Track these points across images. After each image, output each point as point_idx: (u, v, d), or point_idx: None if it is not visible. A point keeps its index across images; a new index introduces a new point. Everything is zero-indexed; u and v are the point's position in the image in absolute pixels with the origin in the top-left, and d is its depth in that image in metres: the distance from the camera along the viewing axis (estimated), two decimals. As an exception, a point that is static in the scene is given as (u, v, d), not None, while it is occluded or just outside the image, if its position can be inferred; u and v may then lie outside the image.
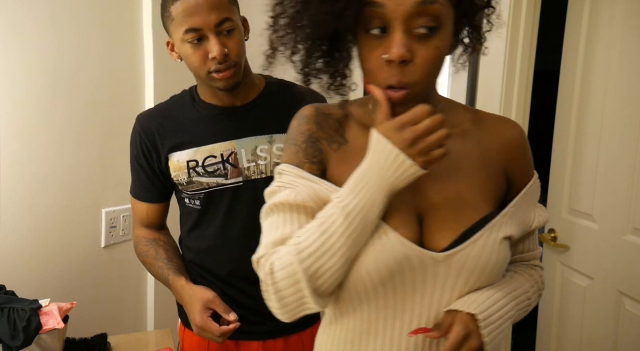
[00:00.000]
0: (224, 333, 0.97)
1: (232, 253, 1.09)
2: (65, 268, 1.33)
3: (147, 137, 1.08)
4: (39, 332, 1.00)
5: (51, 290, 1.29)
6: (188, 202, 1.11)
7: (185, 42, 0.97)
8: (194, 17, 0.94)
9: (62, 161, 1.29)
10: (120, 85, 1.44)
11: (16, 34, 1.16)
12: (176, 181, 1.08)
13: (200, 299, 0.99)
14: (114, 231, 1.44)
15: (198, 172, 1.06)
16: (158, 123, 1.08)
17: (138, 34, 1.47)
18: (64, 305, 1.07)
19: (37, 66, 1.21)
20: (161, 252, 1.11)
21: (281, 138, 1.10)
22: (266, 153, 1.08)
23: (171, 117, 1.09)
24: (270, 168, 1.09)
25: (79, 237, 1.36)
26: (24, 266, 1.23)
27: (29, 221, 1.23)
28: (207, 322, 0.97)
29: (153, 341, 1.26)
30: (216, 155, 1.06)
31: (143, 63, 1.50)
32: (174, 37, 0.99)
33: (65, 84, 1.28)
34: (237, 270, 1.09)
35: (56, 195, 1.28)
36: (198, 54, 0.97)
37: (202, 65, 0.98)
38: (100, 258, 1.42)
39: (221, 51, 0.96)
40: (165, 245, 1.13)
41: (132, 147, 1.11)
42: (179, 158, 1.06)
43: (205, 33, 0.96)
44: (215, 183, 1.06)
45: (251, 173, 1.08)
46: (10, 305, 1.00)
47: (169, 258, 1.10)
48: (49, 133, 1.25)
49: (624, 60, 1.34)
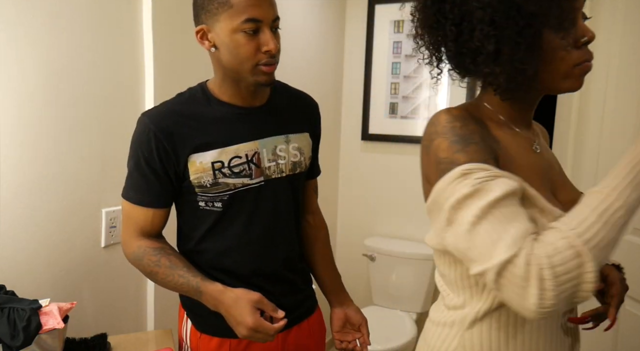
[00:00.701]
0: (277, 331, 0.97)
1: (255, 252, 1.11)
2: (65, 268, 1.33)
3: (165, 138, 1.02)
4: (39, 332, 1.00)
5: (51, 290, 1.29)
6: (204, 205, 1.08)
7: (239, 32, 0.97)
8: (257, 9, 0.96)
9: (62, 161, 1.29)
10: (120, 85, 1.44)
11: (16, 33, 1.16)
12: (197, 183, 1.05)
13: (250, 300, 0.97)
14: (114, 231, 1.44)
15: (224, 173, 1.05)
16: (176, 123, 1.04)
17: (138, 34, 1.47)
18: (64, 305, 1.07)
19: (37, 66, 1.21)
20: (175, 260, 1.05)
21: (295, 138, 1.14)
22: (284, 153, 1.11)
23: (189, 116, 1.05)
24: (289, 167, 1.12)
25: (79, 237, 1.36)
26: (24, 266, 1.23)
27: (29, 221, 1.23)
28: (262, 322, 0.96)
29: (153, 341, 1.26)
30: (241, 155, 1.06)
31: (143, 63, 1.50)
32: (224, 25, 0.98)
33: (65, 83, 1.28)
34: (259, 269, 1.11)
35: (56, 195, 1.28)
36: (251, 45, 0.98)
37: (252, 57, 0.99)
38: (100, 258, 1.42)
39: (277, 45, 0.99)
40: (175, 253, 1.08)
41: (141, 149, 1.04)
42: (202, 160, 1.04)
43: (262, 26, 0.98)
44: (241, 184, 1.06)
45: (272, 172, 1.10)
46: (10, 305, 1.00)
47: (186, 266, 1.05)
48: (49, 133, 1.25)
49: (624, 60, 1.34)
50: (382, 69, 2.65)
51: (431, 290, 2.53)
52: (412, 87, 2.59)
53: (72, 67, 1.29)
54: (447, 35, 0.75)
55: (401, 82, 2.61)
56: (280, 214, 1.13)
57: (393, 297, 2.55)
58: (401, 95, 2.62)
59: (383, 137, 2.69)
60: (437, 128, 0.74)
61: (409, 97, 2.60)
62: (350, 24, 2.74)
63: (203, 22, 1.02)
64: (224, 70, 1.04)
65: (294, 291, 1.21)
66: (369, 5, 2.64)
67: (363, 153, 2.78)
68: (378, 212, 2.75)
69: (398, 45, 2.59)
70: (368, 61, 2.68)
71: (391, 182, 2.70)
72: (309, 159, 1.19)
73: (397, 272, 2.52)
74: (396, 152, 2.68)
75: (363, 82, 2.71)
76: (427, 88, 2.56)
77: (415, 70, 2.57)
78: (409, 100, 2.60)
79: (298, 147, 1.15)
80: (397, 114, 2.64)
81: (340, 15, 2.70)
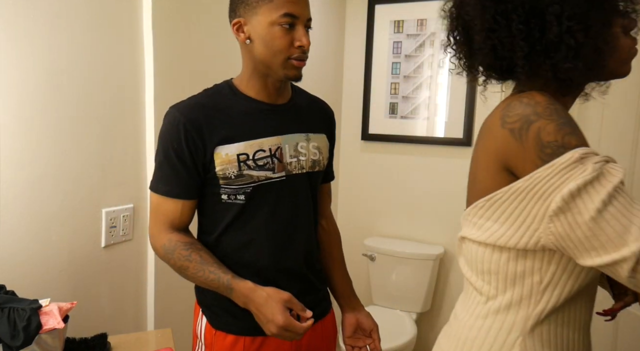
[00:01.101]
0: (306, 330, 0.99)
1: (274, 246, 1.12)
2: (65, 268, 1.33)
3: (194, 129, 1.05)
4: (39, 332, 1.00)
5: (51, 290, 1.29)
6: (227, 198, 1.10)
7: (276, 25, 1.03)
8: (295, 5, 1.03)
9: (62, 161, 1.29)
10: (120, 85, 1.44)
11: (16, 33, 1.16)
12: (222, 175, 1.07)
13: (281, 299, 0.99)
14: (114, 231, 1.44)
15: (249, 165, 1.07)
16: (205, 114, 1.07)
17: (138, 34, 1.48)
18: (64, 305, 1.07)
19: (36, 66, 1.21)
20: (205, 256, 1.07)
21: (315, 138, 1.19)
22: (305, 150, 1.15)
23: (217, 109, 1.09)
24: (309, 164, 1.16)
25: (79, 237, 1.36)
26: (24, 267, 1.23)
27: (29, 221, 1.23)
28: (292, 321, 0.97)
29: (153, 341, 1.26)
30: (265, 149, 1.09)
31: (143, 63, 1.50)
32: (262, 18, 1.03)
33: (65, 83, 1.28)
34: (279, 264, 1.13)
35: (56, 195, 1.28)
36: (286, 39, 1.04)
37: (285, 50, 1.04)
38: (100, 258, 1.42)
39: (309, 41, 1.06)
40: (204, 248, 1.09)
41: (170, 140, 1.06)
42: (227, 152, 1.06)
43: (297, 22, 1.04)
44: (264, 177, 1.09)
45: (293, 168, 1.13)
46: (11, 305, 1.00)
47: (216, 262, 1.06)
48: (49, 133, 1.25)
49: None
50: (382, 69, 2.65)
51: (431, 290, 2.53)
52: (412, 87, 2.59)
53: (72, 67, 1.29)
54: (515, 35, 0.73)
55: (401, 82, 2.61)
56: (300, 210, 1.16)
57: (393, 297, 2.55)
58: (401, 95, 2.62)
59: (383, 137, 2.69)
60: (537, 109, 0.68)
61: (409, 97, 2.60)
62: (350, 24, 2.74)
63: (240, 16, 1.07)
64: (255, 63, 1.08)
65: (313, 290, 1.22)
66: (369, 5, 2.64)
67: (363, 153, 2.78)
68: (378, 212, 2.75)
69: (398, 45, 2.59)
70: (368, 61, 2.68)
71: (391, 182, 2.71)
72: (326, 160, 1.24)
73: (397, 272, 2.52)
74: (396, 152, 2.68)
75: (363, 82, 2.71)
76: (427, 88, 2.56)
77: (415, 70, 2.57)
78: (409, 100, 2.60)
79: (317, 146, 1.19)
80: (397, 114, 2.64)
81: (340, 15, 2.70)
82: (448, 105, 2.51)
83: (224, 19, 1.14)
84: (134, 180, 1.51)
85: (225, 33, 1.79)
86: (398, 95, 2.63)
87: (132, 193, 1.51)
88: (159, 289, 1.57)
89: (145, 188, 1.54)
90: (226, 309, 1.12)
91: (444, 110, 2.53)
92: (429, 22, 2.51)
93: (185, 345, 1.45)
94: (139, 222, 1.54)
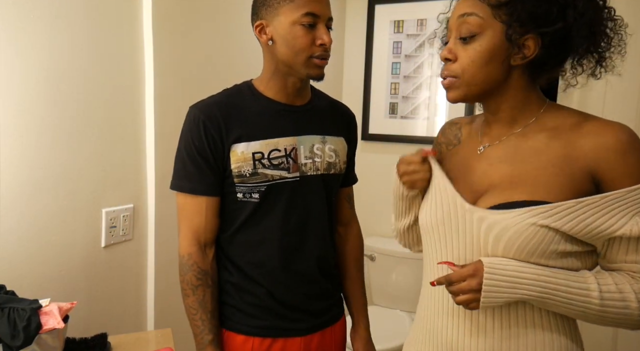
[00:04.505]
0: None
1: (285, 246, 1.13)
2: (65, 268, 1.33)
3: (213, 126, 1.07)
4: (39, 332, 1.00)
5: (51, 290, 1.29)
6: (242, 196, 1.11)
7: (298, 24, 1.04)
8: (317, 4, 1.05)
9: (62, 161, 1.29)
10: (121, 86, 1.44)
11: (16, 33, 1.16)
12: (237, 173, 1.08)
13: None
14: (114, 231, 1.44)
15: (264, 163, 1.08)
16: (223, 113, 1.09)
17: (138, 34, 1.47)
18: (64, 305, 1.07)
19: (36, 66, 1.21)
20: (208, 299, 1.11)
21: (332, 140, 1.19)
22: (320, 152, 1.16)
23: (235, 108, 1.10)
24: (324, 166, 1.17)
25: (79, 237, 1.36)
26: (24, 267, 1.23)
27: (29, 221, 1.23)
28: None
29: (153, 341, 1.26)
30: (280, 148, 1.10)
31: (143, 63, 1.50)
32: (284, 19, 1.04)
33: (65, 83, 1.28)
34: (288, 264, 1.13)
35: (56, 195, 1.28)
36: (308, 37, 1.05)
37: (307, 48, 1.05)
38: (100, 258, 1.42)
39: (330, 40, 1.07)
40: (213, 287, 1.13)
41: (192, 138, 1.08)
42: (243, 150, 1.08)
43: (318, 21, 1.06)
44: (279, 176, 1.10)
45: (307, 169, 1.14)
46: (10, 305, 1.00)
47: (212, 312, 1.11)
48: (48, 133, 1.25)
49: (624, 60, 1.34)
50: (382, 69, 2.65)
51: (431, 290, 2.53)
52: (412, 87, 2.59)
53: (72, 67, 1.29)
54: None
55: (401, 82, 2.61)
56: (314, 212, 1.16)
57: (393, 297, 2.55)
58: (401, 95, 2.62)
59: (383, 137, 2.69)
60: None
61: (409, 97, 2.60)
62: (350, 24, 2.74)
63: (262, 18, 1.08)
64: (277, 64, 1.10)
65: (325, 296, 1.22)
66: (369, 5, 2.64)
67: (363, 153, 2.78)
68: (378, 212, 2.75)
69: (398, 45, 2.59)
70: (368, 61, 2.68)
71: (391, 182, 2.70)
72: (344, 163, 1.23)
73: (397, 272, 2.52)
74: (396, 152, 2.66)
75: (363, 82, 2.71)
76: (427, 88, 2.56)
77: (415, 70, 2.57)
78: (409, 100, 2.60)
79: (334, 148, 1.19)
80: (397, 114, 2.64)
81: (340, 15, 2.70)
82: (448, 105, 2.51)
83: (224, 19, 1.15)
84: (134, 180, 1.51)
85: (226, 33, 1.79)
86: (398, 95, 2.63)
87: (132, 193, 1.51)
88: (159, 289, 1.57)
89: (145, 188, 1.53)
90: (235, 309, 1.14)
91: (444, 110, 2.53)
92: (429, 22, 2.51)
93: (185, 345, 1.44)
94: (139, 221, 1.54)
